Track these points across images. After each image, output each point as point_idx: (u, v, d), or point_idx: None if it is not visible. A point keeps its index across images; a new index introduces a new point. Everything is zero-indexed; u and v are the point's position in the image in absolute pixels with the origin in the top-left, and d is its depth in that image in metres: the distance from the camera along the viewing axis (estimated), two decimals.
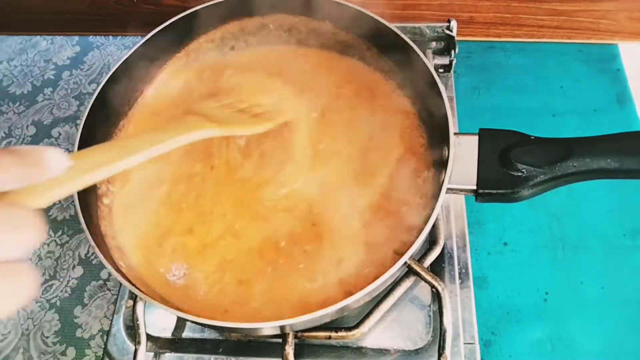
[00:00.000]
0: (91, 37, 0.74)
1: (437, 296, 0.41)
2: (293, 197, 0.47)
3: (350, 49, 0.55)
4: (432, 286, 0.41)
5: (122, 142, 0.37)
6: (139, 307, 0.43)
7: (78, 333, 0.53)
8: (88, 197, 0.46)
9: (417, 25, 0.61)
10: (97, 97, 0.48)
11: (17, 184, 0.24)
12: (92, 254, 0.57)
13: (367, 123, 0.51)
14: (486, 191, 0.41)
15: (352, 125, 0.50)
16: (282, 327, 0.41)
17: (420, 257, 0.47)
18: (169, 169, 0.50)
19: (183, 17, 0.53)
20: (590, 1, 0.68)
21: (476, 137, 0.43)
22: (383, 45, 0.52)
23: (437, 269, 0.49)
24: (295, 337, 0.44)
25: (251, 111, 0.47)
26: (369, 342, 0.47)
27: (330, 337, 0.45)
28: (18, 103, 0.69)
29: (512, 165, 0.41)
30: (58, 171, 0.26)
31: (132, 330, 0.48)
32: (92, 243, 0.41)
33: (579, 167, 0.39)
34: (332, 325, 0.45)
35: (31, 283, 0.23)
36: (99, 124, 0.50)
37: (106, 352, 0.48)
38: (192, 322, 0.39)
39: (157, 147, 0.36)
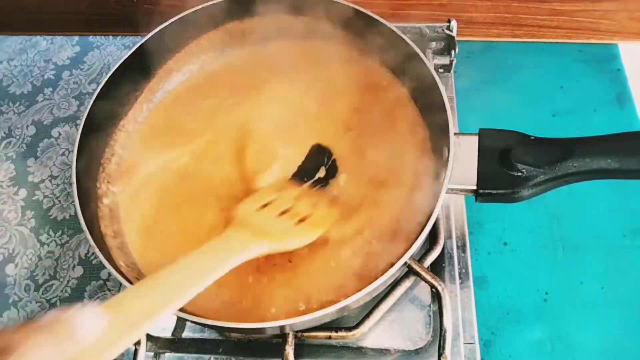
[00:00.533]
0: (91, 37, 0.74)
1: (437, 296, 0.42)
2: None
3: (349, 49, 0.55)
4: (432, 286, 0.42)
5: (162, 279, 0.30)
6: None
7: None
8: (88, 197, 0.46)
9: (417, 25, 0.61)
10: (97, 97, 0.48)
11: None
12: (92, 254, 0.57)
13: (367, 123, 0.51)
14: (486, 191, 0.41)
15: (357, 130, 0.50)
16: (282, 327, 0.41)
17: (421, 257, 0.47)
18: (174, 168, 0.50)
19: (183, 17, 0.53)
20: (590, 1, 0.68)
21: (476, 137, 0.43)
22: (383, 46, 0.52)
23: (437, 269, 0.49)
24: (295, 337, 0.44)
25: (295, 211, 0.42)
26: (369, 342, 0.47)
27: (330, 337, 0.45)
28: (18, 103, 0.69)
29: (512, 165, 0.41)
30: (92, 336, 0.24)
31: None
32: (92, 243, 0.41)
33: (579, 167, 0.39)
34: (332, 325, 0.45)
35: None
36: (99, 124, 0.50)
37: None
38: (192, 322, 0.39)
39: (208, 279, 0.32)
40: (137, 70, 0.53)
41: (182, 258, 0.33)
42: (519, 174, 0.40)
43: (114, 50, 0.72)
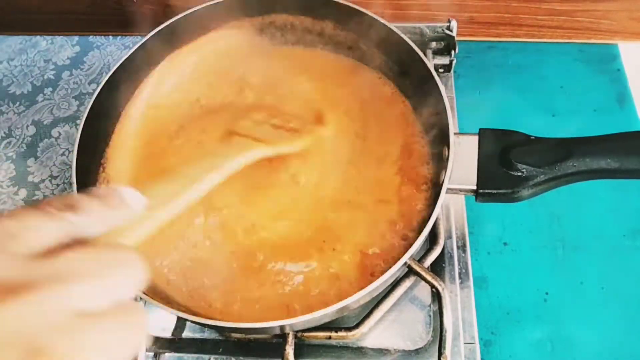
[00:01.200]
0: (91, 37, 0.74)
1: (437, 296, 0.42)
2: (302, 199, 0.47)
3: (349, 49, 0.55)
4: (432, 286, 0.41)
5: (179, 174, 0.35)
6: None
7: None
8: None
9: (417, 25, 0.61)
10: (97, 97, 0.48)
11: (104, 227, 0.25)
12: None
13: (367, 123, 0.51)
14: (486, 191, 0.41)
15: (356, 127, 0.50)
16: (282, 327, 0.40)
17: (421, 257, 0.47)
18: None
19: (183, 16, 0.53)
20: (590, 1, 0.68)
21: (476, 137, 0.43)
22: (383, 45, 0.52)
23: (437, 269, 0.49)
24: (295, 337, 0.44)
25: (286, 126, 0.47)
26: (369, 342, 0.47)
27: (330, 337, 0.45)
28: (18, 103, 0.69)
29: (512, 165, 0.41)
30: (139, 209, 0.26)
31: None
32: None
33: (579, 167, 0.39)
34: (332, 325, 0.45)
35: (145, 324, 0.23)
36: (99, 124, 0.50)
37: None
38: (192, 322, 0.39)
39: (216, 174, 0.36)
40: (137, 70, 0.53)
41: (193, 162, 0.37)
42: (519, 173, 0.40)
43: (114, 50, 0.72)
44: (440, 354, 0.40)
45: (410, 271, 0.43)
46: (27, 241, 0.21)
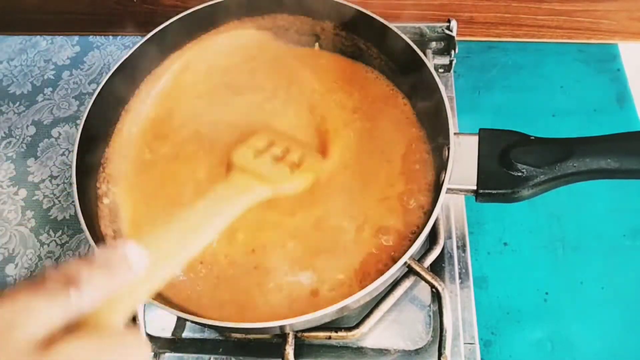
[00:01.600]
0: (91, 37, 0.74)
1: (437, 296, 0.42)
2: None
3: (351, 50, 0.55)
4: (432, 286, 0.42)
5: (180, 222, 0.33)
6: (139, 307, 0.43)
7: None
8: (88, 197, 0.46)
9: (417, 25, 0.61)
10: (96, 97, 0.48)
11: (105, 295, 0.24)
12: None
13: (368, 124, 0.51)
14: (486, 191, 0.41)
15: (358, 130, 0.50)
16: (282, 327, 0.41)
17: (420, 257, 0.47)
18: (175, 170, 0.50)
19: (183, 16, 0.53)
20: (590, 1, 0.68)
21: (476, 137, 0.43)
22: (383, 45, 0.52)
23: (437, 269, 0.49)
24: (296, 337, 0.44)
25: (288, 160, 0.45)
26: (369, 342, 0.47)
27: (330, 337, 0.45)
28: (18, 103, 0.69)
29: (512, 165, 0.41)
30: (141, 271, 0.26)
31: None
32: (92, 243, 0.41)
33: (578, 167, 0.39)
34: (332, 325, 0.45)
35: None
36: (99, 124, 0.50)
37: None
38: (192, 322, 0.39)
39: (219, 221, 0.35)
40: (137, 70, 0.53)
41: (199, 201, 0.36)
42: (519, 174, 0.41)
43: (114, 50, 0.72)
44: (440, 354, 0.40)
45: (410, 271, 0.43)
46: (28, 329, 0.21)
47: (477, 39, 0.69)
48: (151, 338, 0.48)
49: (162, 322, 0.49)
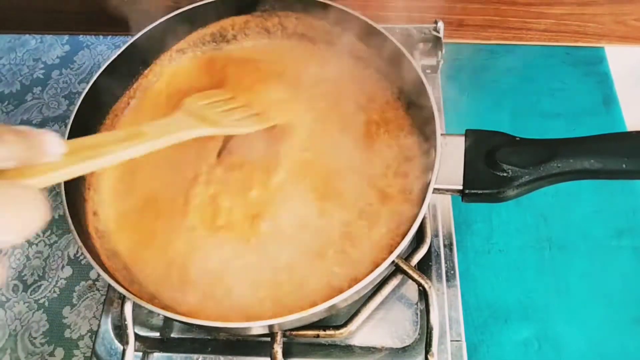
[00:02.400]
0: (81, 36, 0.73)
1: (424, 294, 0.42)
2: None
3: (339, 50, 0.56)
4: (419, 284, 0.42)
5: (115, 135, 0.36)
6: (127, 306, 0.43)
7: (67, 333, 0.53)
8: (76, 196, 0.46)
9: (404, 26, 0.62)
10: (85, 96, 0.48)
11: (15, 163, 0.25)
12: (81, 254, 0.57)
13: (352, 122, 0.51)
14: (472, 191, 0.42)
15: (337, 126, 0.51)
16: (270, 326, 0.41)
17: (408, 256, 0.47)
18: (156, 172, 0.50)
19: (174, 15, 0.53)
20: (577, 5, 0.69)
21: (463, 138, 0.43)
22: (371, 46, 0.52)
23: (424, 267, 0.50)
24: (284, 335, 0.44)
25: (243, 112, 0.46)
26: (357, 340, 0.47)
27: (318, 336, 0.45)
28: (6, 102, 0.68)
29: (498, 165, 0.41)
30: (54, 156, 0.27)
31: (121, 330, 0.48)
32: (80, 243, 0.41)
33: (562, 167, 0.40)
34: (320, 324, 0.45)
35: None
36: (88, 123, 0.50)
37: (94, 352, 0.48)
38: (180, 322, 0.39)
39: (149, 144, 0.36)
40: (126, 69, 0.53)
41: (132, 127, 0.37)
42: (505, 174, 0.41)
43: (104, 49, 0.72)
44: (427, 351, 0.41)
45: (397, 270, 0.43)
46: None
47: (467, 41, 0.70)
48: (139, 338, 0.48)
49: (151, 321, 0.49)
